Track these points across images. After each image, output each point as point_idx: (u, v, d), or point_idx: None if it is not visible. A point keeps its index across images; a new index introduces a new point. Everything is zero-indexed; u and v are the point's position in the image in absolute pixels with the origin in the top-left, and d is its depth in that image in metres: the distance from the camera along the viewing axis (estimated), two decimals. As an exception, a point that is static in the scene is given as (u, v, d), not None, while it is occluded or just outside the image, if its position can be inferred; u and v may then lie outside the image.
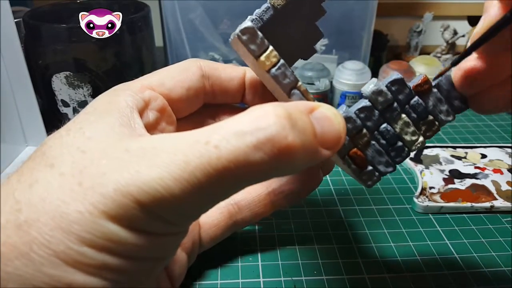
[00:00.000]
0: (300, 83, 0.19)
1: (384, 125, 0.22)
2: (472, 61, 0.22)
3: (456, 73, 0.23)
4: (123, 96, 0.21)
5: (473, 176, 0.45)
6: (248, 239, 0.37)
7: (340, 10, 0.61)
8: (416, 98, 0.22)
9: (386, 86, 0.22)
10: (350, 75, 0.59)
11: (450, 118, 0.24)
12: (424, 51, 0.77)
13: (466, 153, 0.50)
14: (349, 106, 0.22)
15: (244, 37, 0.19)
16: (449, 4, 0.80)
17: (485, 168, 0.46)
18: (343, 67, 0.59)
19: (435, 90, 0.23)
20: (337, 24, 0.62)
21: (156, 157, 0.16)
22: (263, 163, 0.16)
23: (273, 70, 0.19)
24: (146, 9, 0.51)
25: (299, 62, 0.63)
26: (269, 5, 0.22)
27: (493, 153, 0.49)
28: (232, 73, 0.25)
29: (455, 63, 0.22)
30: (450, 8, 0.80)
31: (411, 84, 0.22)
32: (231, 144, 0.16)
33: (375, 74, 0.61)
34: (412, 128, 0.23)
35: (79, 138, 0.18)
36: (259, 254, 0.36)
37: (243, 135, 0.16)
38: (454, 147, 0.51)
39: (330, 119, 0.19)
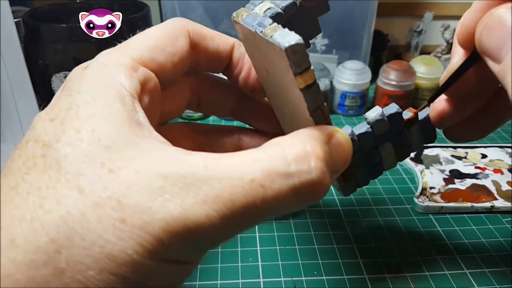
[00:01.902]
0: (325, 103, 0.20)
1: (375, 148, 0.25)
2: (442, 102, 0.26)
3: (430, 111, 0.26)
4: (120, 79, 0.18)
5: (474, 176, 0.45)
6: (248, 239, 0.37)
7: (340, 10, 0.61)
8: (405, 130, 0.25)
9: (387, 117, 0.24)
10: (350, 75, 0.59)
11: (420, 147, 0.27)
12: (425, 51, 0.77)
13: (467, 153, 0.50)
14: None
15: (292, 54, 0.17)
16: (450, 4, 0.80)
17: (485, 168, 0.46)
18: (343, 67, 0.59)
19: (417, 122, 0.26)
20: (337, 24, 0.62)
21: (199, 190, 0.15)
22: (299, 203, 0.17)
23: (307, 90, 0.19)
24: (146, 9, 0.51)
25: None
26: (295, 1, 0.21)
27: (494, 153, 0.49)
28: (220, 45, 0.24)
29: (430, 101, 0.26)
30: (451, 8, 0.80)
31: (404, 117, 0.25)
32: (277, 185, 0.16)
33: (375, 74, 0.61)
34: (393, 154, 0.26)
35: (96, 147, 0.16)
36: (259, 254, 0.36)
37: (288, 177, 0.16)
38: (455, 147, 0.51)
39: (344, 147, 0.20)
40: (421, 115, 0.26)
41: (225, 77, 0.26)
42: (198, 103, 0.26)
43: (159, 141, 0.17)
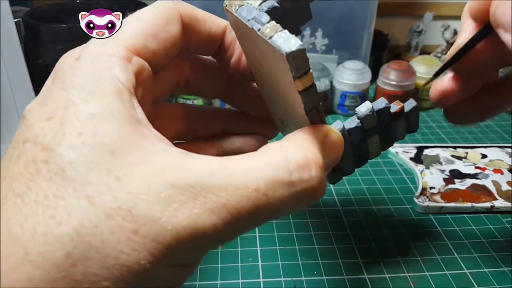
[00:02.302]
0: (320, 103, 0.20)
1: (362, 140, 0.26)
2: (445, 80, 0.27)
3: (433, 90, 0.28)
4: (115, 72, 0.17)
5: (474, 176, 0.45)
6: (248, 239, 0.37)
7: (340, 10, 0.61)
8: (391, 123, 0.27)
9: (376, 112, 0.25)
10: (350, 75, 0.59)
11: (403, 137, 0.28)
12: (425, 51, 0.77)
13: (467, 153, 0.50)
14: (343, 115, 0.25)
15: (293, 60, 0.17)
16: (450, 4, 0.80)
17: (485, 168, 0.46)
18: (343, 67, 0.59)
19: (403, 114, 0.27)
20: (337, 24, 0.62)
21: (206, 199, 0.16)
22: (298, 207, 0.18)
23: (305, 92, 0.19)
24: (146, 9, 0.51)
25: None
26: None
27: (494, 153, 0.49)
28: (212, 29, 0.23)
29: (436, 75, 0.27)
30: (451, 8, 0.80)
31: (391, 110, 0.26)
32: (280, 193, 0.17)
33: (375, 74, 0.61)
34: (379, 144, 0.27)
35: (100, 152, 0.15)
36: (259, 254, 0.36)
37: (290, 185, 0.17)
38: (455, 147, 0.51)
39: (336, 146, 0.21)
40: (407, 107, 0.27)
41: (214, 60, 0.25)
42: (186, 85, 0.25)
43: (159, 140, 0.17)
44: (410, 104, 0.27)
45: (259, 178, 0.17)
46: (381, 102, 0.25)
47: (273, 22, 0.18)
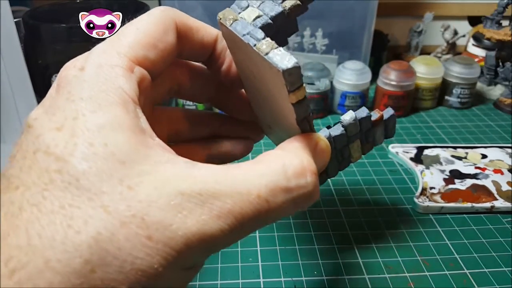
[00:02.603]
0: (311, 114, 0.22)
1: (345, 146, 0.28)
2: None
3: None
4: (119, 82, 0.18)
5: (474, 176, 0.45)
6: (248, 239, 0.37)
7: (340, 10, 0.61)
8: (372, 129, 0.29)
9: (359, 120, 0.27)
10: (350, 75, 0.59)
11: (382, 142, 0.31)
12: (425, 51, 0.77)
13: (467, 153, 0.50)
14: (329, 126, 0.27)
15: (288, 76, 0.18)
16: (450, 4, 0.80)
17: (485, 168, 0.46)
18: (344, 67, 0.59)
19: (382, 122, 0.29)
20: (337, 24, 0.62)
21: (213, 205, 0.17)
22: (294, 210, 0.20)
23: (298, 104, 0.20)
24: (146, 9, 0.51)
25: (300, 62, 0.63)
26: (283, 10, 0.21)
27: (494, 153, 0.49)
28: (204, 38, 0.24)
29: None
30: (451, 8, 0.80)
31: (372, 118, 0.28)
32: (279, 199, 0.18)
33: (375, 74, 0.61)
34: (360, 148, 0.30)
35: (111, 162, 0.16)
36: (259, 254, 0.36)
37: (288, 191, 0.19)
38: (455, 147, 0.51)
39: (324, 153, 0.23)
40: (386, 115, 0.29)
41: (205, 67, 0.26)
42: (178, 90, 0.26)
43: (164, 150, 0.18)
44: (388, 112, 0.30)
45: (260, 185, 0.18)
46: (363, 111, 0.28)
47: (268, 39, 0.19)
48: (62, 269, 0.14)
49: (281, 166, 0.19)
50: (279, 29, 0.22)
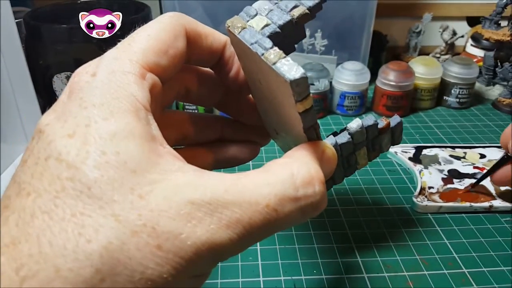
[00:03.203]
0: (318, 123, 0.22)
1: (352, 153, 0.28)
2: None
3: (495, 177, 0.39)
4: (131, 89, 0.18)
5: (472, 176, 0.45)
6: (248, 238, 0.38)
7: (339, 10, 0.62)
8: (379, 137, 0.29)
9: (365, 128, 0.27)
10: (349, 75, 0.59)
11: (388, 149, 0.31)
12: (423, 52, 0.77)
13: (465, 153, 0.50)
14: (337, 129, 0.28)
15: (296, 86, 0.18)
16: (448, 4, 0.80)
17: (484, 168, 0.46)
18: (343, 68, 0.60)
19: (389, 129, 0.30)
20: (336, 25, 0.63)
21: (222, 215, 0.17)
22: (303, 219, 0.20)
23: (305, 113, 0.20)
24: (147, 10, 0.51)
25: (299, 62, 0.63)
26: (291, 18, 0.21)
27: (492, 153, 0.50)
28: (213, 44, 0.24)
29: (474, 186, 0.43)
30: (449, 8, 0.80)
31: (379, 126, 0.29)
32: (287, 208, 0.19)
33: (374, 74, 0.61)
34: (366, 155, 0.30)
35: (123, 171, 0.16)
36: (259, 253, 0.36)
37: (297, 201, 0.19)
38: (453, 147, 0.51)
39: (331, 160, 0.23)
40: (393, 122, 0.30)
41: (213, 72, 0.26)
42: (186, 95, 0.26)
43: (174, 158, 0.18)
44: (395, 119, 0.30)
45: (269, 195, 0.18)
46: (369, 119, 0.28)
47: (276, 48, 0.19)
48: (73, 278, 0.14)
49: (289, 175, 0.19)
50: (287, 36, 0.22)
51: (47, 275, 0.14)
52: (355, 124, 0.27)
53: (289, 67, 0.18)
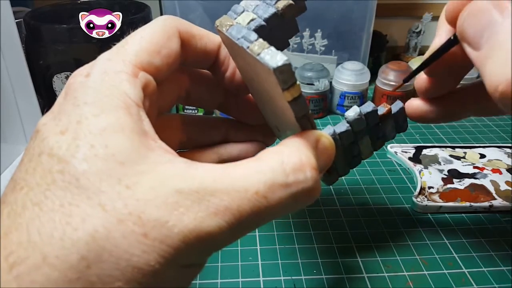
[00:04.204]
0: (310, 111, 0.21)
1: (353, 143, 0.28)
2: (421, 80, 0.29)
3: (416, 87, 0.30)
4: (123, 87, 0.19)
5: (472, 176, 0.45)
6: (248, 238, 0.38)
7: (339, 10, 0.62)
8: (380, 124, 0.28)
9: (364, 115, 0.26)
10: (349, 75, 0.59)
11: (394, 137, 0.30)
12: (423, 52, 0.77)
13: (465, 153, 0.50)
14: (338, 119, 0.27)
15: (280, 74, 0.18)
16: (448, 4, 0.80)
17: (484, 168, 0.46)
18: (343, 68, 0.60)
19: (391, 115, 0.29)
20: (336, 25, 0.63)
21: (210, 202, 0.17)
22: (296, 207, 0.20)
23: (294, 102, 0.20)
24: (147, 10, 0.51)
25: (299, 62, 0.63)
26: (276, 11, 0.22)
27: (492, 153, 0.50)
28: (207, 45, 0.24)
29: (410, 76, 0.30)
30: (449, 8, 0.80)
31: (379, 112, 0.28)
32: (278, 195, 0.18)
33: (374, 74, 0.62)
34: (370, 145, 0.29)
35: (111, 163, 0.16)
36: (258, 253, 0.36)
37: (287, 187, 0.18)
38: (453, 147, 0.51)
39: (328, 149, 0.22)
40: (394, 108, 0.29)
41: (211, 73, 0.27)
42: (187, 97, 0.27)
43: (164, 151, 0.18)
44: (397, 105, 0.29)
45: (258, 182, 0.18)
46: (368, 106, 0.27)
47: (261, 40, 0.19)
48: (60, 265, 0.15)
49: (279, 162, 0.19)
50: (275, 29, 0.22)
51: (35, 262, 0.15)
52: (352, 112, 0.26)
53: (272, 56, 0.18)
